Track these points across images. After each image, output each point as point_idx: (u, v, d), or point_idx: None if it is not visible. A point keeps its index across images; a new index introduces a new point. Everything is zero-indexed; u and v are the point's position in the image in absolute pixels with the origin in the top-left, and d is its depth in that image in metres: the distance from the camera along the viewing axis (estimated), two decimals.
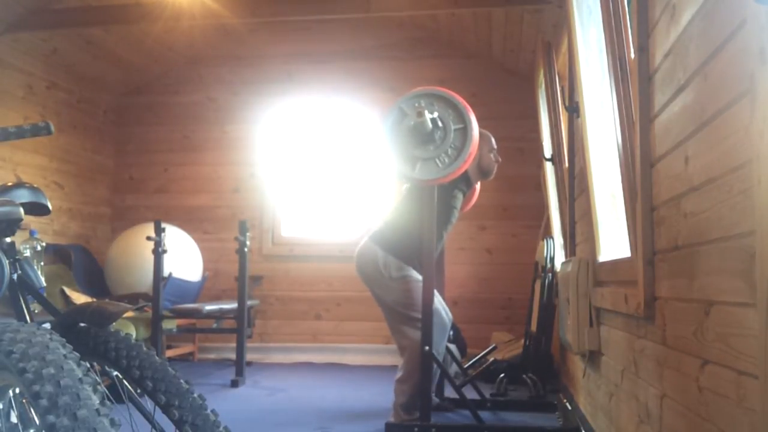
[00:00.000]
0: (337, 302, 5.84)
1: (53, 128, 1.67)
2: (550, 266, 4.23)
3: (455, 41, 5.75)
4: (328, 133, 6.07)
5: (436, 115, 3.00)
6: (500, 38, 5.18)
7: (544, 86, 4.54)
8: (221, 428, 1.44)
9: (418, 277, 3.34)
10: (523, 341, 4.67)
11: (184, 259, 5.34)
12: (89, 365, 1.18)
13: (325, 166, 6.08)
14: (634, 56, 1.94)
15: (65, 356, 1.15)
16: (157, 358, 1.46)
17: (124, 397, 1.46)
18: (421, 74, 5.63)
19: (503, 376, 4.26)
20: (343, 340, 5.78)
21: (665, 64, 1.68)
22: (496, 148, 3.63)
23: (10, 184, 1.74)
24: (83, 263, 5.41)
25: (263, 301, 5.86)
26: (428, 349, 3.12)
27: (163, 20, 4.62)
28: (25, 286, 1.58)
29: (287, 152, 6.08)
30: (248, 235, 4.73)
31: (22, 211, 1.61)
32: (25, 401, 1.37)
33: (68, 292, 4.75)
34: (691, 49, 1.46)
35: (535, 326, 4.37)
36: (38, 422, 1.26)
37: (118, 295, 5.18)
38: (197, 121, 6.17)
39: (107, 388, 1.26)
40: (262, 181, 6.04)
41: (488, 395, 3.98)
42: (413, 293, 3.33)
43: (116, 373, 1.46)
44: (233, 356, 4.88)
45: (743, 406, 1.18)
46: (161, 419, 1.45)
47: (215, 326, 5.19)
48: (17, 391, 1.37)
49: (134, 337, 1.50)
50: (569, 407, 3.53)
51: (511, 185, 5.50)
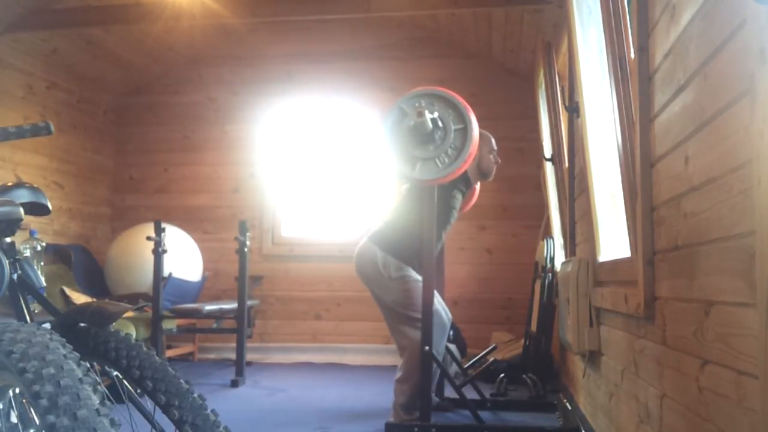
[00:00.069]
0: (337, 302, 5.84)
1: (53, 128, 1.67)
2: (550, 266, 4.23)
3: (455, 41, 5.75)
4: (328, 133, 6.07)
5: (436, 115, 3.00)
6: (500, 38, 5.18)
7: (544, 86, 4.54)
8: (221, 428, 1.44)
9: (417, 277, 3.34)
10: (523, 341, 4.67)
11: (184, 259, 5.34)
12: (89, 365, 1.18)
13: (325, 166, 6.09)
14: (634, 56, 1.94)
15: (65, 356, 1.15)
16: (157, 358, 1.46)
17: (124, 397, 1.46)
18: (421, 74, 5.63)
19: (503, 376, 4.26)
20: (343, 340, 5.78)
21: (665, 64, 1.68)
22: (496, 149, 3.63)
23: (10, 184, 1.74)
24: (83, 263, 5.41)
25: (263, 301, 5.86)
26: (428, 349, 3.12)
27: (163, 20, 4.62)
28: (25, 286, 1.58)
29: (287, 152, 6.08)
30: (248, 235, 4.73)
31: (22, 211, 1.61)
32: (25, 401, 1.37)
33: (68, 292, 4.75)
34: (691, 49, 1.46)
35: (535, 326, 4.37)
36: (38, 422, 1.26)
37: (118, 295, 5.18)
38: (197, 121, 6.17)
39: (107, 388, 1.26)
40: (262, 181, 6.04)
41: (488, 395, 3.98)
42: (412, 293, 3.33)
43: (116, 373, 1.46)
44: (233, 356, 4.88)
45: (743, 406, 1.18)
46: (161, 419, 1.45)
47: (215, 326, 5.19)
48: (17, 391, 1.37)
49: (134, 337, 1.50)
50: (569, 407, 3.53)
51: (511, 185, 5.50)
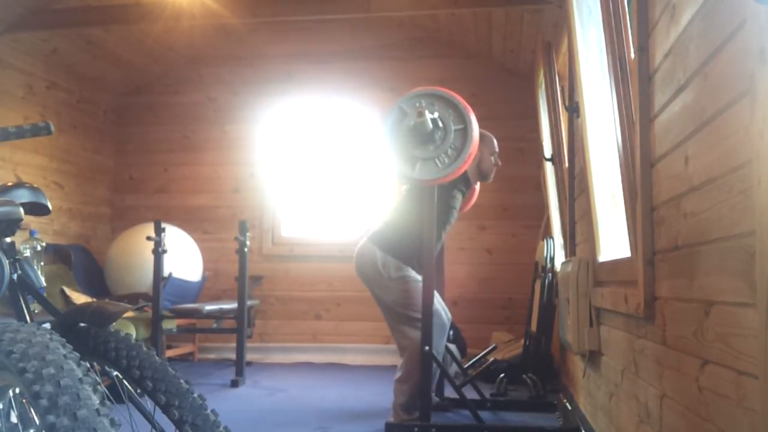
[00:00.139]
0: (337, 302, 5.84)
1: (53, 128, 1.67)
2: (550, 266, 4.23)
3: (455, 41, 5.75)
4: (328, 133, 6.07)
5: (436, 115, 3.00)
6: (500, 38, 5.18)
7: (544, 86, 4.54)
8: (221, 428, 1.44)
9: (417, 277, 3.34)
10: (523, 341, 4.67)
11: (184, 259, 5.34)
12: (89, 365, 1.18)
13: (325, 166, 6.09)
14: (634, 56, 1.94)
15: (65, 356, 1.15)
16: (157, 358, 1.46)
17: (124, 397, 1.46)
18: (421, 74, 5.63)
19: (503, 376, 4.26)
20: (343, 340, 5.78)
21: (665, 64, 1.68)
22: (497, 151, 3.62)
23: (10, 184, 1.74)
24: (83, 263, 5.41)
25: (263, 301, 5.86)
26: (428, 349, 3.12)
27: (163, 20, 4.62)
28: (25, 286, 1.58)
29: (287, 152, 6.08)
30: (248, 235, 4.73)
31: (22, 211, 1.61)
32: (25, 401, 1.37)
33: (68, 292, 4.75)
34: (691, 49, 1.46)
35: (535, 326, 4.37)
36: (38, 422, 1.26)
37: (118, 295, 5.18)
38: (197, 121, 6.17)
39: (107, 388, 1.26)
40: (262, 181, 6.04)
41: (488, 395, 3.98)
42: (412, 293, 3.33)
43: (116, 373, 1.46)
44: (233, 356, 4.88)
45: (743, 406, 1.18)
46: (161, 419, 1.45)
47: (215, 326, 5.19)
48: (17, 391, 1.37)
49: (134, 337, 1.50)
50: (569, 407, 3.53)
51: (511, 185, 5.50)
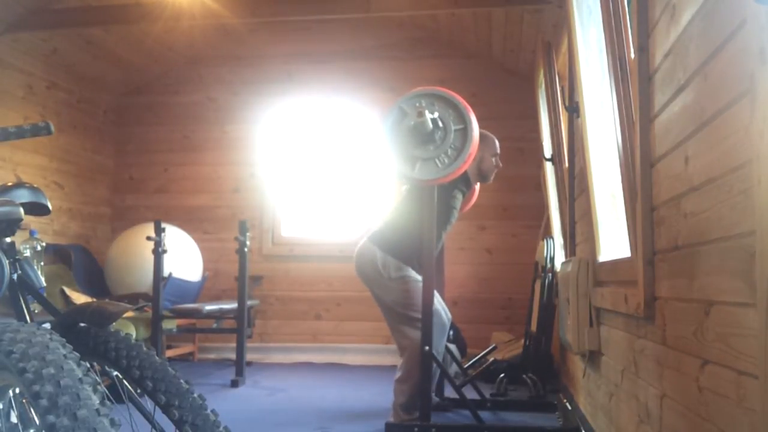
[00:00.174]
0: (337, 302, 5.84)
1: (53, 128, 1.67)
2: (550, 266, 4.23)
3: (455, 41, 5.75)
4: (328, 133, 6.07)
5: (436, 115, 3.00)
6: (500, 38, 5.18)
7: (544, 86, 4.54)
8: (221, 428, 1.44)
9: (417, 277, 3.34)
10: (523, 341, 4.67)
11: (184, 259, 5.34)
12: (89, 365, 1.18)
13: (324, 166, 6.09)
14: (634, 56, 1.94)
15: (65, 356, 1.15)
16: (157, 358, 1.46)
17: (124, 397, 1.45)
18: (421, 74, 5.63)
19: (503, 376, 4.26)
20: (343, 340, 5.78)
21: (665, 64, 1.68)
22: (499, 153, 3.61)
23: (10, 184, 1.74)
24: (83, 263, 5.41)
25: (263, 301, 5.86)
26: (428, 349, 3.12)
27: (163, 20, 4.62)
28: (25, 286, 1.58)
29: (287, 152, 6.08)
30: (248, 235, 4.73)
31: (22, 211, 1.61)
32: (25, 401, 1.37)
33: (68, 292, 4.75)
34: (691, 49, 1.46)
35: (535, 326, 4.37)
36: (38, 422, 1.26)
37: (118, 295, 5.18)
38: (197, 121, 6.17)
39: (107, 388, 1.26)
40: (262, 181, 6.04)
41: (488, 395, 3.98)
42: (412, 293, 3.33)
43: (116, 373, 1.46)
44: (233, 356, 4.87)
45: (743, 406, 1.18)
46: (161, 419, 1.45)
47: (215, 326, 5.19)
48: (17, 391, 1.37)
49: (134, 337, 1.50)
50: (569, 407, 3.53)
51: (511, 185, 5.50)
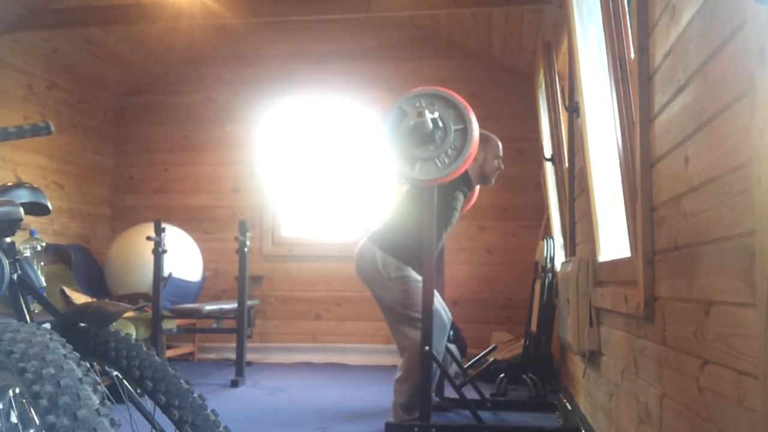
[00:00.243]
0: (337, 302, 5.84)
1: (53, 128, 1.67)
2: (550, 266, 4.23)
3: (455, 41, 5.75)
4: (328, 133, 6.07)
5: (436, 115, 3.00)
6: (500, 38, 5.18)
7: (544, 86, 4.54)
8: (221, 428, 1.44)
9: (417, 277, 3.34)
10: (523, 341, 4.67)
11: (184, 259, 5.34)
12: (89, 365, 1.17)
13: (324, 166, 6.09)
14: (634, 56, 1.94)
15: (65, 356, 1.15)
16: (157, 358, 1.46)
17: (124, 397, 1.45)
18: (421, 74, 5.63)
19: (503, 376, 4.26)
20: (343, 340, 5.78)
21: (665, 64, 1.68)
22: (501, 155, 3.61)
23: (10, 184, 1.74)
24: (83, 263, 5.40)
25: (263, 301, 5.86)
26: (428, 349, 3.12)
27: (163, 20, 4.62)
28: (25, 286, 1.58)
29: (287, 152, 6.08)
30: (248, 235, 4.73)
31: (22, 211, 1.61)
32: (25, 401, 1.37)
33: (68, 292, 4.75)
34: (691, 49, 1.46)
35: (535, 326, 4.37)
36: (38, 422, 1.26)
37: (118, 295, 5.18)
38: (197, 121, 6.17)
39: (107, 388, 1.26)
40: (262, 181, 6.04)
41: (488, 395, 3.98)
42: (412, 293, 3.32)
43: (116, 373, 1.46)
44: (233, 356, 4.87)
45: (743, 406, 1.18)
46: (161, 419, 1.45)
47: (215, 326, 5.19)
48: (17, 391, 1.37)
49: (134, 337, 1.50)
50: (569, 407, 3.53)
51: (511, 185, 5.49)
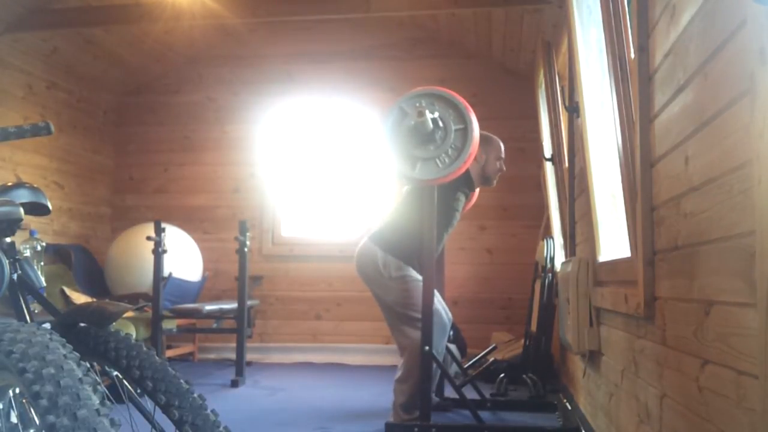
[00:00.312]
0: (337, 302, 5.84)
1: (53, 128, 1.67)
2: (550, 266, 4.23)
3: (455, 41, 5.75)
4: (328, 133, 6.07)
5: (436, 115, 3.00)
6: (500, 38, 5.18)
7: (544, 86, 4.54)
8: (221, 428, 1.44)
9: (417, 276, 3.34)
10: (523, 341, 4.67)
11: (184, 259, 5.34)
12: (89, 365, 1.17)
13: (324, 166, 6.09)
14: (634, 56, 1.94)
15: (65, 356, 1.15)
16: (157, 358, 1.46)
17: (124, 397, 1.45)
18: (421, 74, 5.63)
19: (503, 376, 4.26)
20: (343, 340, 5.78)
21: (665, 64, 1.68)
22: (504, 157, 3.61)
23: (10, 184, 1.74)
24: (83, 263, 5.40)
25: (263, 301, 5.86)
26: (428, 349, 3.12)
27: (163, 20, 4.62)
28: (25, 286, 1.58)
29: (287, 152, 6.08)
30: (248, 235, 4.73)
31: (22, 211, 1.61)
32: (25, 401, 1.37)
33: (68, 292, 4.75)
34: (691, 49, 1.46)
35: (535, 326, 4.37)
36: (38, 422, 1.26)
37: (118, 295, 5.18)
38: (197, 121, 6.17)
39: (107, 388, 1.26)
40: (262, 181, 6.04)
41: (488, 395, 3.98)
42: (412, 293, 3.32)
43: (116, 373, 1.46)
44: (233, 356, 4.87)
45: (743, 406, 1.18)
46: (161, 419, 1.45)
47: (215, 326, 5.19)
48: (17, 391, 1.37)
49: (134, 337, 1.49)
50: (569, 407, 3.53)
51: (511, 185, 5.49)
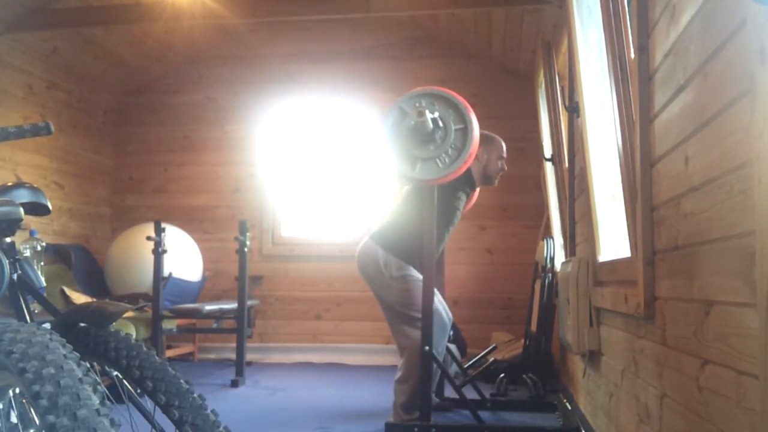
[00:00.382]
0: (337, 302, 5.84)
1: (53, 128, 1.67)
2: (550, 266, 4.23)
3: (455, 41, 5.75)
4: (328, 133, 6.07)
5: (436, 115, 3.00)
6: (500, 38, 5.18)
7: (544, 86, 4.54)
8: (221, 428, 1.44)
9: (418, 276, 3.34)
10: (523, 341, 4.67)
11: (184, 259, 5.34)
12: (89, 365, 1.17)
13: (325, 166, 6.09)
14: (634, 56, 1.94)
15: (65, 356, 1.15)
16: (157, 358, 1.46)
17: (124, 397, 1.45)
18: (421, 74, 5.63)
19: (503, 376, 4.26)
20: (343, 340, 5.78)
21: (665, 64, 1.68)
22: (505, 156, 3.62)
23: (10, 184, 1.74)
24: (83, 263, 5.40)
25: (263, 301, 5.86)
26: (428, 349, 3.12)
27: (163, 20, 4.62)
28: (25, 286, 1.58)
29: (287, 152, 6.08)
30: (248, 235, 4.73)
31: (22, 211, 1.61)
32: (25, 401, 1.37)
33: (68, 292, 4.75)
34: (691, 49, 1.46)
35: (535, 326, 4.37)
36: (38, 422, 1.26)
37: (118, 295, 5.18)
38: (197, 121, 6.17)
39: (107, 388, 1.26)
40: (262, 181, 6.04)
41: (488, 395, 3.98)
42: (413, 292, 3.32)
43: (116, 373, 1.46)
44: (233, 356, 4.87)
45: (743, 406, 1.18)
46: (161, 419, 1.45)
47: (215, 326, 5.19)
48: (17, 391, 1.37)
49: (134, 337, 1.49)
50: (569, 407, 3.53)
51: (511, 185, 5.49)
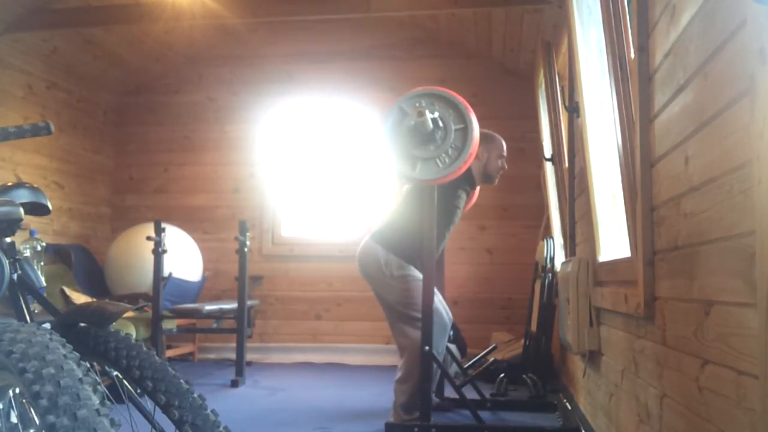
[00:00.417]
0: (337, 302, 5.84)
1: (53, 128, 1.67)
2: (550, 266, 4.23)
3: (455, 41, 5.75)
4: (328, 133, 6.07)
5: (436, 114, 3.00)
6: (500, 38, 5.18)
7: (544, 86, 4.54)
8: (221, 428, 1.44)
9: (419, 275, 3.34)
10: (523, 341, 4.67)
11: (184, 259, 5.34)
12: (89, 365, 1.17)
13: (325, 166, 6.09)
14: (634, 56, 1.94)
15: (65, 356, 1.15)
16: (157, 358, 1.46)
17: (124, 397, 1.45)
18: (421, 74, 5.63)
19: (503, 376, 4.26)
20: (343, 340, 5.78)
21: (665, 64, 1.68)
22: (505, 155, 3.62)
23: (10, 184, 1.74)
24: (83, 263, 5.40)
25: (263, 301, 5.86)
26: (428, 349, 3.12)
27: (163, 20, 4.62)
28: (25, 286, 1.58)
29: (287, 152, 6.08)
30: (248, 235, 4.73)
31: (22, 211, 1.61)
32: (25, 401, 1.37)
33: (68, 292, 4.75)
34: (691, 49, 1.46)
35: (535, 326, 4.37)
36: (38, 422, 1.26)
37: (118, 295, 5.18)
38: (197, 121, 6.17)
39: (107, 388, 1.26)
40: (262, 181, 6.04)
41: (488, 395, 3.98)
42: (413, 292, 3.32)
43: (116, 373, 1.46)
44: (233, 356, 4.88)
45: (743, 406, 1.18)
46: (161, 419, 1.45)
47: (215, 326, 5.19)
48: (17, 391, 1.37)
49: (134, 337, 1.49)
50: (569, 407, 3.53)
51: (511, 185, 5.49)
